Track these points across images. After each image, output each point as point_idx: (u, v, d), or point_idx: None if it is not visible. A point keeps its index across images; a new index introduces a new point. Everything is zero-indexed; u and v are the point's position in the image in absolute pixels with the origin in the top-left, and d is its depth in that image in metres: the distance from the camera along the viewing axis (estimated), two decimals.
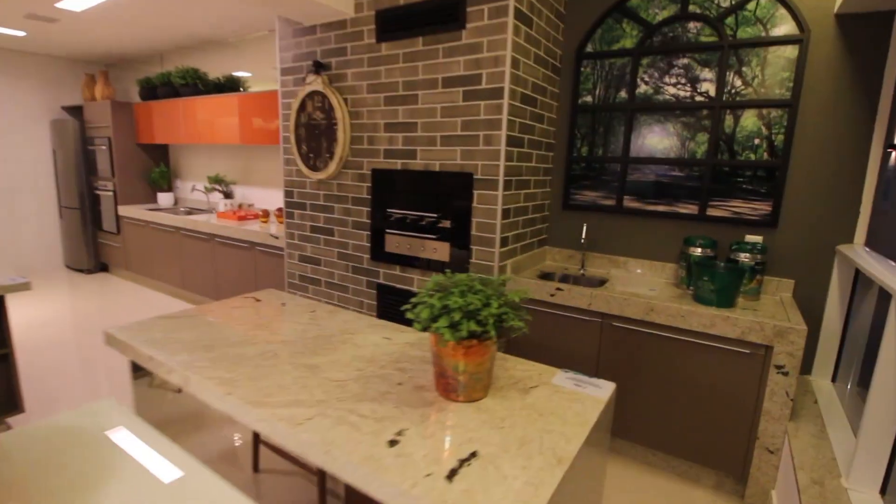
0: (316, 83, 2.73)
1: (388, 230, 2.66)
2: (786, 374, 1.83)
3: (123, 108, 4.96)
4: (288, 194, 3.14)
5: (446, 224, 2.44)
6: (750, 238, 2.30)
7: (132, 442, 0.88)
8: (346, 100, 2.70)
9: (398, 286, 2.70)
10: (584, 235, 2.59)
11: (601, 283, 2.54)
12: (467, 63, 2.23)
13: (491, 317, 1.05)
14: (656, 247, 2.54)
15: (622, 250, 2.65)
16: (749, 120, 2.24)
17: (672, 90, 2.40)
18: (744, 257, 2.18)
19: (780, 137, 2.18)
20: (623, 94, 2.54)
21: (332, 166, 2.76)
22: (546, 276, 2.66)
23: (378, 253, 2.74)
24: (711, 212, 2.37)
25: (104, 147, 5.04)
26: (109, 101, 4.83)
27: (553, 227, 2.87)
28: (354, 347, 1.41)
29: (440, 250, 2.48)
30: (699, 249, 2.28)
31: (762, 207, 2.26)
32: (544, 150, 2.66)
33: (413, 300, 1.15)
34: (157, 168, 5.21)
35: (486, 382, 1.14)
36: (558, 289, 2.27)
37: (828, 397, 2.09)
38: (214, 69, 4.54)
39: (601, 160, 2.66)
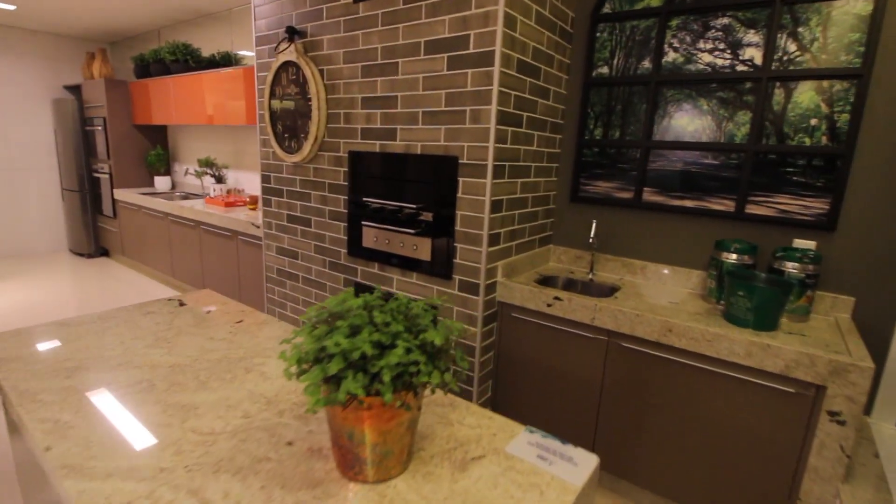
0: (289, 52, 2.39)
1: (364, 222, 2.32)
2: (842, 423, 1.40)
3: (118, 86, 4.76)
4: (265, 179, 2.84)
5: (428, 217, 2.07)
6: (799, 243, 1.85)
7: None
8: (321, 71, 2.35)
9: (376, 286, 2.36)
10: (592, 233, 2.18)
11: (611, 291, 2.13)
12: (453, 23, 1.85)
13: (390, 370, 0.69)
14: (681, 250, 2.12)
15: (639, 252, 2.23)
16: (805, 95, 1.78)
17: (707, 58, 1.95)
18: (791, 267, 1.74)
19: (845, 117, 1.72)
20: (647, 63, 2.10)
21: (307, 148, 2.43)
22: (546, 281, 2.26)
23: (355, 248, 2.40)
24: (751, 209, 1.93)
25: (100, 128, 4.87)
26: (103, 80, 4.63)
27: (559, 223, 2.46)
28: (259, 378, 1.08)
29: (421, 247, 2.12)
30: (734, 255, 1.85)
31: (817, 205, 1.81)
32: (549, 132, 2.25)
33: (294, 332, 0.80)
34: (154, 151, 5.01)
35: (401, 455, 0.79)
36: (556, 298, 1.88)
37: (893, 448, 1.65)
38: (211, 45, 4.27)
39: (618, 144, 2.24)
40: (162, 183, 5.01)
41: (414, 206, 2.09)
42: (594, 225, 2.18)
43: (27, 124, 5.17)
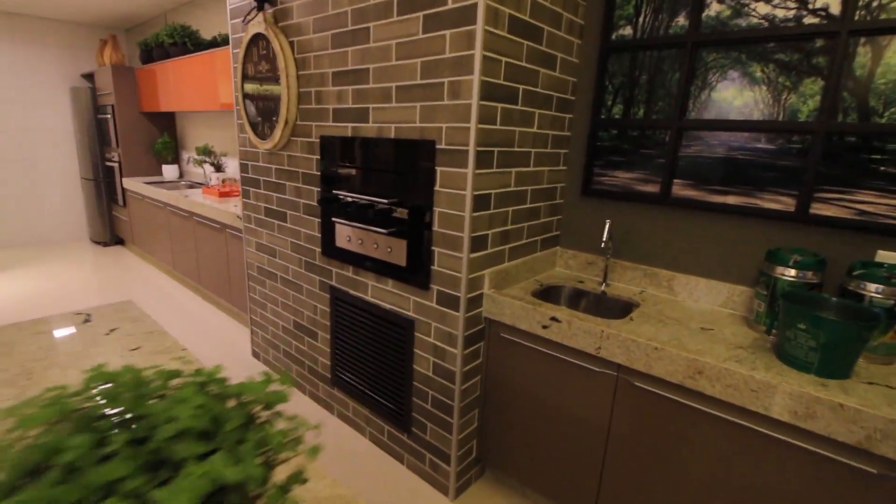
0: (258, 23, 2.07)
1: (335, 218, 1.99)
2: None
3: (126, 73, 4.63)
4: (243, 168, 2.56)
5: (402, 214, 1.72)
6: (886, 257, 1.37)
7: None
8: (292, 44, 2.02)
9: (351, 292, 2.03)
10: (605, 236, 1.75)
11: (626, 309, 1.71)
12: None
13: None
14: (720, 259, 1.67)
15: (665, 260, 1.79)
16: None
17: (763, 8, 1.48)
18: (873, 291, 1.27)
19: None
20: (681, 20, 1.64)
21: (278, 133, 2.12)
22: (547, 293, 1.87)
23: (329, 247, 2.08)
24: (819, 209, 1.46)
25: (110, 116, 4.77)
26: (110, 67, 4.51)
27: (567, 222, 2.05)
28: None
29: (395, 250, 1.77)
30: (793, 271, 1.39)
31: None
32: (556, 110, 1.83)
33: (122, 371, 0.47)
34: (161, 138, 4.87)
35: None
36: (554, 319, 1.49)
37: None
38: (215, 27, 4.04)
39: (642, 124, 1.80)
40: (169, 172, 4.88)
41: (387, 200, 1.74)
42: (607, 225, 1.75)
43: (47, 112, 5.15)
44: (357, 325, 2.04)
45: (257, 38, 2.12)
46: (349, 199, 1.88)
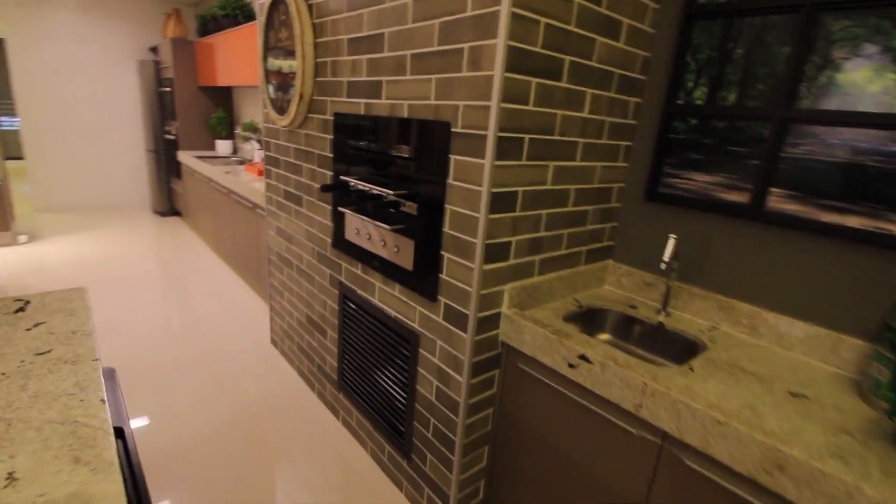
0: None
1: (342, 208, 1.79)
2: None
3: (184, 46, 4.75)
4: (266, 146, 2.44)
5: (411, 209, 1.47)
6: None
7: None
8: (311, 8, 1.83)
9: (359, 292, 1.84)
10: (669, 253, 1.40)
11: (688, 351, 1.36)
12: None
13: None
14: (827, 299, 1.26)
15: (749, 291, 1.40)
16: None
17: None
18: None
19: None
20: None
21: (293, 108, 1.95)
22: (586, 317, 1.55)
23: (339, 239, 1.89)
24: None
25: (169, 89, 4.94)
26: (170, 40, 4.64)
27: (624, 231, 1.70)
28: None
29: (402, 250, 1.53)
30: None
31: None
32: (616, 91, 1.48)
33: None
34: (216, 113, 4.98)
35: None
36: (583, 358, 1.19)
37: None
38: None
39: (732, 113, 1.41)
40: (223, 147, 4.98)
41: (395, 192, 1.50)
42: (672, 241, 1.39)
43: (116, 84, 5.46)
44: (363, 328, 1.84)
45: (277, 3, 1.94)
46: (359, 188, 1.67)
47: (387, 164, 1.55)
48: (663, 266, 1.38)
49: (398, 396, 1.71)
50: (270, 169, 2.43)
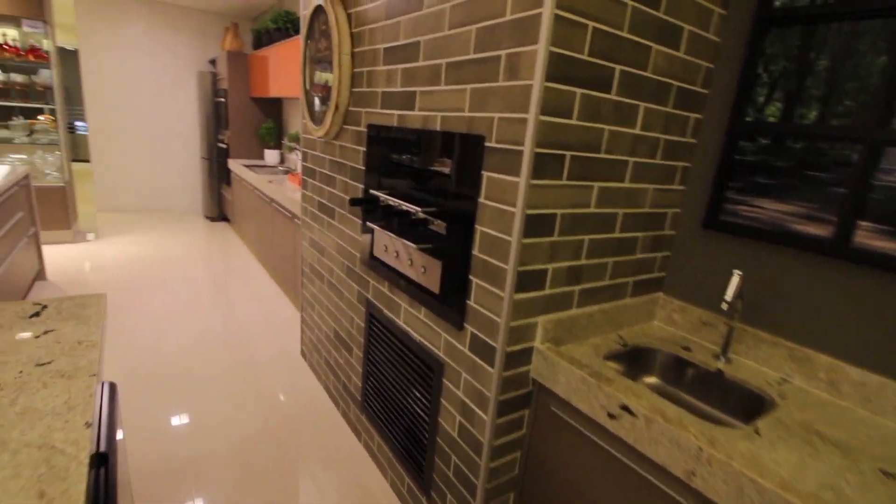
0: None
1: (371, 223, 1.73)
2: None
3: (239, 58, 4.95)
4: (304, 157, 2.44)
5: (440, 227, 1.38)
6: None
7: None
8: (350, 17, 1.80)
9: (385, 311, 1.76)
10: (732, 292, 1.22)
11: (754, 405, 1.18)
12: None
13: None
14: None
15: (829, 340, 1.20)
16: None
17: None
18: None
19: None
20: None
21: (328, 119, 1.92)
22: (631, 357, 1.39)
23: (367, 256, 1.83)
24: None
25: (223, 100, 5.16)
26: (226, 53, 4.86)
27: (679, 261, 1.53)
28: None
29: (429, 271, 1.44)
30: None
31: None
32: (674, 106, 1.34)
33: None
34: (266, 124, 5.15)
35: None
36: (625, 409, 1.04)
37: None
38: None
39: (812, 133, 1.24)
40: (271, 156, 5.13)
41: (423, 208, 1.41)
42: (737, 278, 1.22)
43: (177, 93, 5.78)
44: (388, 350, 1.76)
45: (318, 13, 1.94)
46: (388, 203, 1.60)
47: (417, 180, 1.47)
48: (725, 306, 1.20)
49: (420, 427, 1.61)
50: (307, 180, 2.43)
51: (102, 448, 0.81)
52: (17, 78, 4.09)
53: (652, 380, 1.42)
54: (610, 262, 1.38)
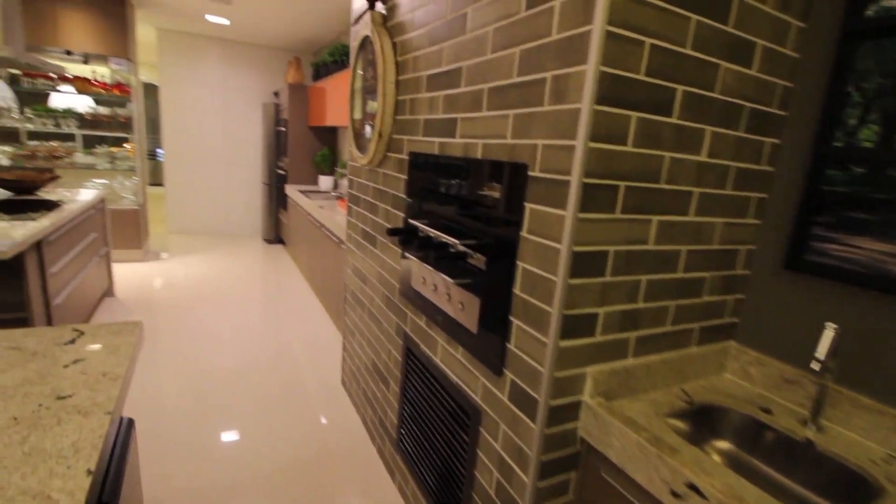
0: (366, 24, 1.90)
1: (413, 255, 1.66)
2: None
3: (299, 90, 5.20)
4: (350, 184, 2.45)
5: (479, 262, 1.29)
6: None
7: None
8: (395, 46, 1.79)
9: (422, 347, 1.67)
10: (825, 350, 1.03)
11: (855, 488, 0.97)
12: None
13: None
14: None
15: None
16: None
17: None
18: None
19: None
20: None
21: (372, 147, 1.91)
22: (699, 418, 1.21)
23: (406, 287, 1.76)
24: None
25: (284, 129, 5.42)
26: (288, 85, 5.11)
27: (756, 306, 1.34)
28: None
29: (467, 308, 1.34)
30: None
31: None
32: (746, 129, 1.19)
33: None
34: (321, 151, 5.33)
35: None
36: (693, 488, 0.88)
37: None
38: None
39: None
40: (325, 182, 5.29)
41: (462, 241, 1.33)
42: (831, 332, 1.03)
43: (244, 123, 6.15)
44: (424, 388, 1.66)
45: (365, 43, 1.95)
46: (428, 234, 1.53)
47: (457, 210, 1.39)
48: (816, 366, 1.01)
49: (455, 478, 1.48)
50: (352, 207, 2.42)
51: (105, 496, 0.77)
52: (104, 110, 4.50)
53: (724, 445, 1.22)
54: (672, 306, 1.22)
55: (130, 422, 0.97)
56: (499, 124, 1.20)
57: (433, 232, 1.47)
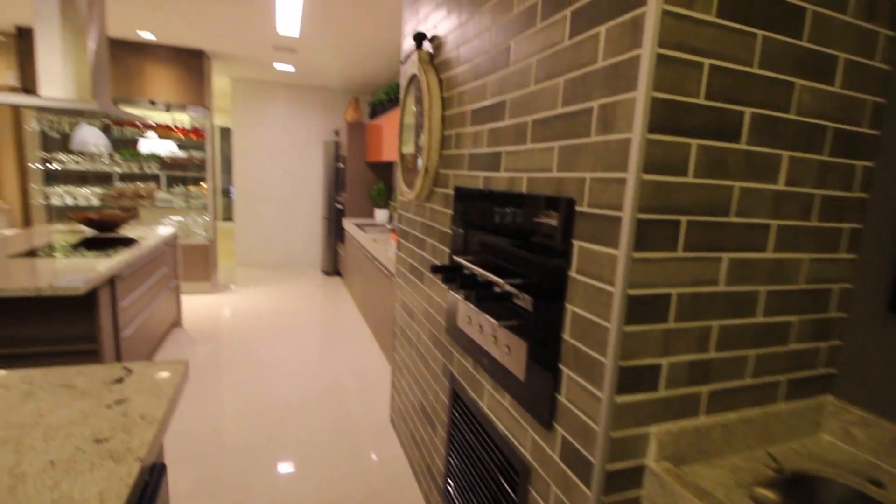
0: (414, 63, 1.94)
1: (457, 293, 1.61)
2: None
3: (357, 128, 5.43)
4: (399, 218, 2.46)
5: (525, 303, 1.21)
6: None
7: None
8: (441, 82, 1.80)
9: (469, 391, 1.59)
10: None
11: None
12: None
13: None
14: None
15: None
16: None
17: None
18: None
19: None
20: None
21: (418, 182, 1.90)
22: (788, 488, 1.03)
23: (451, 325, 1.71)
24: None
25: (342, 165, 5.65)
26: (346, 123, 5.36)
27: (856, 355, 1.15)
28: None
29: (514, 353, 1.26)
30: None
31: None
32: (830, 153, 1.04)
33: None
34: (377, 185, 5.49)
35: None
36: None
37: None
38: None
39: None
40: (380, 216, 5.42)
41: (508, 280, 1.26)
42: None
43: (307, 162, 6.50)
44: (471, 436, 1.57)
45: (413, 81, 1.98)
46: (472, 271, 1.47)
47: (502, 247, 1.33)
48: None
49: None
50: (401, 241, 2.42)
51: None
52: (182, 153, 4.92)
53: None
54: (751, 355, 1.07)
55: (162, 468, 0.97)
56: (544, 157, 1.14)
57: (478, 270, 1.41)
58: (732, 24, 0.87)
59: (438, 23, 1.85)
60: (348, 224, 5.17)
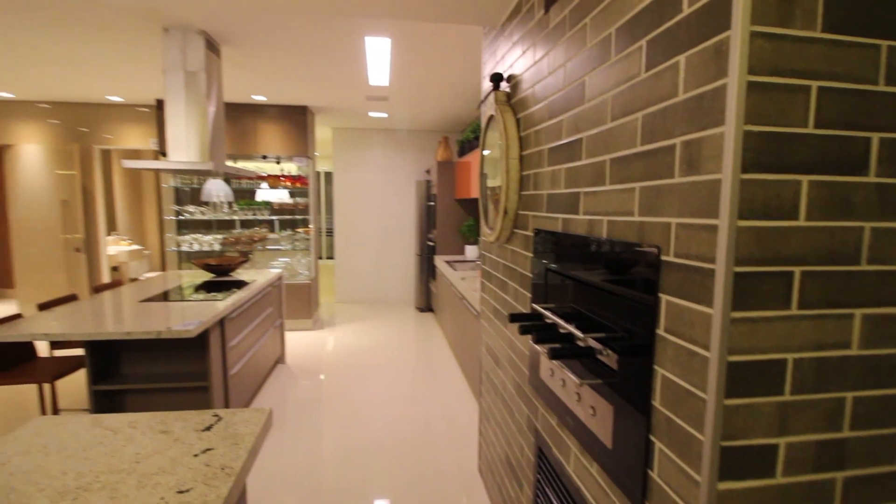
0: (491, 104, 1.96)
1: (538, 344, 1.52)
2: None
3: (447, 166, 5.60)
4: (482, 259, 2.45)
5: (611, 361, 1.10)
6: None
7: None
8: (518, 122, 1.79)
9: (554, 451, 1.48)
10: None
11: None
12: None
13: None
14: None
15: None
16: None
17: None
18: None
19: None
20: None
21: (498, 222, 1.88)
22: None
23: (534, 376, 1.62)
24: None
25: (433, 203, 5.84)
26: (437, 162, 5.56)
27: None
28: None
29: (600, 415, 1.15)
30: None
31: None
32: None
33: None
34: (467, 222, 5.56)
35: None
36: None
37: None
38: None
39: None
40: (470, 252, 5.47)
41: (590, 335, 1.16)
42: None
43: (401, 201, 6.84)
44: (556, 500, 1.45)
45: (491, 122, 1.99)
46: (553, 321, 1.39)
47: (584, 296, 1.24)
48: None
49: None
50: (485, 283, 2.40)
51: None
52: (288, 199, 5.45)
53: None
54: (882, 432, 0.85)
55: None
56: (624, 199, 1.06)
57: (558, 320, 1.32)
58: (846, 38, 0.74)
59: (514, 62, 1.85)
60: (439, 261, 5.27)
